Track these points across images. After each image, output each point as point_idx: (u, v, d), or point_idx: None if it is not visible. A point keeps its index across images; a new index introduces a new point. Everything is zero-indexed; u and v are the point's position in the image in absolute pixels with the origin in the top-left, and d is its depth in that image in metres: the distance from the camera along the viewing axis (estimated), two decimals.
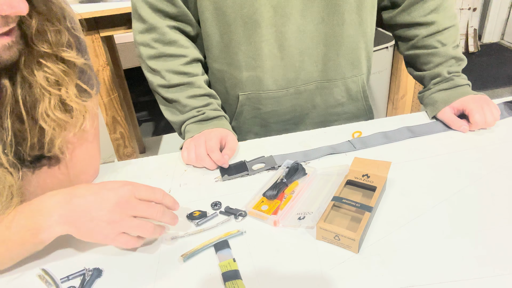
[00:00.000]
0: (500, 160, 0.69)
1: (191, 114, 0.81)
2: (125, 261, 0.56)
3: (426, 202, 0.61)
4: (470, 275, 0.49)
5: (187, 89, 0.82)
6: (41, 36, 0.54)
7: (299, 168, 0.68)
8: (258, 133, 0.95)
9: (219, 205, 0.64)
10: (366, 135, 0.79)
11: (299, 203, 0.63)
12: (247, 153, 0.78)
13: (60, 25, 0.56)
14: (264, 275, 0.52)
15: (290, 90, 0.86)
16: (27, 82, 0.56)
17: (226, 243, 0.57)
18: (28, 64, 0.55)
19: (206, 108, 0.82)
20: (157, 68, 0.82)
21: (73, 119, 0.61)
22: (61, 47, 0.56)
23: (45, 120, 0.58)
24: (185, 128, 0.82)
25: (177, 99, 0.82)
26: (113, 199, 0.52)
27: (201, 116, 0.81)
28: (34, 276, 0.55)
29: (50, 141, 0.60)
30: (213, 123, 0.80)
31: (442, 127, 0.80)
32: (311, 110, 0.92)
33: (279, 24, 0.78)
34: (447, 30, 0.84)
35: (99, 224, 0.52)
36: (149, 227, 0.54)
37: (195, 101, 0.82)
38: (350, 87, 0.90)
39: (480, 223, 0.56)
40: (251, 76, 0.84)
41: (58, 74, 0.57)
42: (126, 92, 2.22)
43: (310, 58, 0.84)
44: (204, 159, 0.73)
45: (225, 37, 0.81)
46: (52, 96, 0.57)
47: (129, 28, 1.65)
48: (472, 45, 3.25)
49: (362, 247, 0.54)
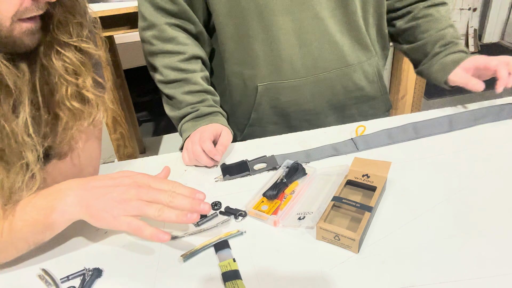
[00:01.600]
0: (500, 160, 0.69)
1: (185, 110, 0.82)
2: (125, 261, 0.56)
3: (426, 202, 0.61)
4: (470, 275, 0.49)
5: (183, 85, 0.82)
6: (62, 27, 0.56)
7: (299, 168, 0.68)
8: (277, 122, 0.94)
9: (219, 205, 0.64)
10: (369, 132, 0.79)
11: (299, 203, 0.63)
12: (248, 152, 0.78)
13: (81, 19, 0.58)
14: (264, 275, 0.52)
15: (310, 78, 0.86)
16: (46, 70, 0.57)
17: (226, 243, 0.57)
18: (47, 52, 0.56)
19: (201, 104, 0.82)
20: (156, 64, 0.83)
21: (88, 109, 0.62)
22: (81, 38, 0.58)
23: (61, 108, 0.59)
24: (181, 127, 0.83)
25: (174, 95, 0.83)
26: (128, 182, 0.54)
27: (196, 113, 0.81)
28: (34, 276, 0.55)
29: (63, 130, 0.61)
30: (208, 119, 0.81)
31: (447, 125, 0.79)
32: (331, 98, 0.91)
33: (295, 11, 0.78)
34: (443, 5, 0.88)
35: (110, 203, 0.52)
36: (156, 207, 0.52)
37: (191, 97, 0.82)
38: (367, 70, 0.90)
39: (480, 223, 0.56)
40: (269, 66, 0.84)
41: (76, 64, 0.58)
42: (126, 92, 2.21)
43: (328, 45, 0.83)
44: (199, 155, 0.73)
45: (240, 29, 0.81)
46: (70, 85, 0.58)
47: (129, 28, 1.65)
48: (472, 45, 3.25)
49: (362, 247, 0.54)
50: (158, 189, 0.54)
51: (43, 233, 0.55)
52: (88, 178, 0.56)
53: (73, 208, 0.53)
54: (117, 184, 0.54)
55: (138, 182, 0.54)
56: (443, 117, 0.81)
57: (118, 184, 0.54)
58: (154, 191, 0.54)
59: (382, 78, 0.95)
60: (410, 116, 0.84)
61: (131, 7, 1.56)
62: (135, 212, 0.52)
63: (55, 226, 0.54)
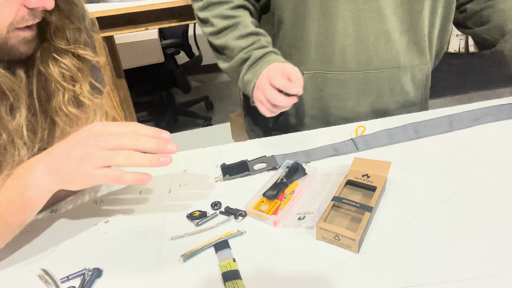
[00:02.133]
0: (500, 160, 0.69)
1: (239, 57, 0.79)
2: (125, 261, 0.56)
3: (426, 202, 0.61)
4: (470, 275, 0.49)
5: (233, 30, 0.81)
6: (59, 33, 0.56)
7: (299, 168, 0.68)
8: (315, 116, 0.92)
9: (219, 205, 0.64)
10: (369, 132, 0.79)
11: (299, 203, 0.63)
12: (248, 152, 0.78)
13: (79, 24, 0.57)
14: (264, 275, 0.52)
15: (359, 74, 0.84)
16: (43, 76, 0.57)
17: (226, 243, 0.57)
18: (44, 59, 0.56)
19: (253, 47, 0.79)
20: (205, 17, 0.83)
21: (85, 115, 0.62)
22: (78, 44, 0.58)
23: (58, 114, 0.59)
24: (242, 81, 0.79)
25: (225, 44, 0.81)
26: (84, 135, 0.51)
27: (250, 59, 0.78)
28: (34, 276, 0.55)
29: (60, 135, 0.61)
30: (265, 61, 0.77)
31: (447, 125, 0.79)
32: (375, 99, 0.89)
33: (359, 1, 0.77)
34: None
35: (75, 162, 0.50)
36: (124, 153, 0.50)
37: (242, 41, 0.80)
38: (416, 75, 0.88)
39: (480, 223, 0.56)
40: (319, 54, 0.82)
41: (73, 71, 0.58)
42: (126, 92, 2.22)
43: (384, 42, 0.82)
44: (276, 97, 0.68)
45: (298, 10, 0.80)
46: (67, 91, 0.58)
47: (129, 28, 1.65)
48: (473, 45, 3.25)
49: (362, 247, 0.54)
50: (118, 133, 0.51)
51: (22, 213, 0.53)
52: (50, 148, 0.53)
53: (45, 179, 0.51)
54: (74, 142, 0.51)
55: (94, 133, 0.51)
56: (443, 117, 0.81)
57: (75, 141, 0.51)
58: (114, 136, 0.50)
59: (428, 85, 0.92)
60: (410, 116, 0.84)
61: (131, 7, 1.56)
62: (103, 162, 0.49)
63: (33, 203, 0.52)
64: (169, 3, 1.58)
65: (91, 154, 0.50)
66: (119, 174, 0.50)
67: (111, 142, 0.50)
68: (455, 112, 0.82)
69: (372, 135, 0.78)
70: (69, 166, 0.50)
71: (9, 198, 0.51)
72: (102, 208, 0.67)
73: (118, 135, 0.51)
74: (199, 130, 2.82)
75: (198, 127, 2.87)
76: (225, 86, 3.53)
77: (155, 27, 1.68)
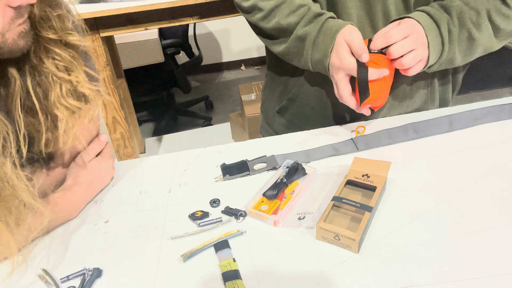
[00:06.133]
0: (500, 160, 0.69)
1: (295, 35, 0.77)
2: (125, 261, 0.56)
3: (426, 202, 0.61)
4: (470, 275, 0.49)
5: (282, 8, 0.79)
6: (45, 23, 0.54)
7: (299, 168, 0.68)
8: (315, 107, 0.90)
9: (217, 203, 0.64)
10: (369, 132, 0.79)
11: (299, 203, 0.63)
12: (248, 152, 0.78)
13: (61, 11, 0.56)
14: (264, 275, 0.52)
15: None
16: (36, 71, 0.56)
17: (226, 243, 0.57)
18: (36, 52, 0.55)
19: (304, 21, 0.77)
20: (252, 4, 0.81)
21: (86, 105, 0.61)
22: (66, 31, 0.56)
23: (58, 108, 0.58)
24: (311, 62, 0.77)
25: (278, 25, 0.79)
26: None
27: (309, 39, 0.76)
28: (34, 276, 0.55)
29: (65, 132, 0.60)
30: (326, 33, 0.74)
31: (447, 125, 0.79)
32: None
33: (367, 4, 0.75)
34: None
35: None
36: None
37: (292, 17, 0.78)
38: (420, 81, 0.85)
39: (480, 223, 0.56)
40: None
41: (67, 60, 0.57)
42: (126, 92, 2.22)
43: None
44: (347, 99, 0.71)
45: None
46: (63, 83, 0.57)
47: (129, 28, 1.65)
48: None
49: (362, 247, 0.54)
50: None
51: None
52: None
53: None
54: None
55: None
56: (443, 117, 0.81)
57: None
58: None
59: (434, 89, 0.87)
60: (410, 116, 0.84)
61: (131, 7, 1.56)
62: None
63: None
64: (169, 3, 1.58)
65: None
66: None
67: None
68: (455, 112, 0.82)
69: (372, 135, 0.78)
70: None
71: None
72: (102, 208, 0.67)
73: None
74: (199, 130, 2.82)
75: (198, 127, 2.87)
76: (225, 86, 3.53)
77: (155, 27, 1.68)
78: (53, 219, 0.61)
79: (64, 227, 0.63)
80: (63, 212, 0.62)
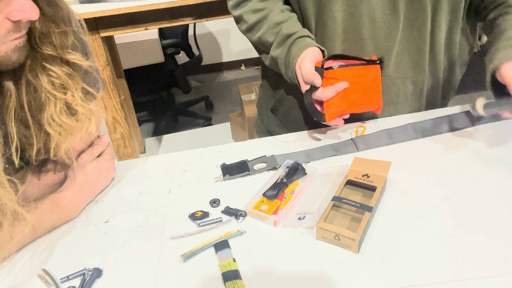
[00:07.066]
0: (500, 160, 0.69)
1: (272, 54, 0.80)
2: (125, 261, 0.56)
3: (426, 202, 0.61)
4: (470, 275, 0.49)
5: (264, 24, 0.81)
6: (45, 38, 0.53)
7: (299, 168, 0.68)
8: (301, 108, 0.90)
9: (217, 202, 0.64)
10: (369, 132, 0.79)
11: (299, 203, 0.63)
12: (248, 152, 0.78)
13: (65, 27, 0.55)
14: (264, 275, 0.52)
15: None
16: (32, 86, 0.55)
17: (226, 243, 0.57)
18: (32, 67, 0.54)
19: (277, 41, 0.79)
20: (239, 14, 0.83)
21: (78, 123, 0.60)
22: (66, 49, 0.55)
23: (51, 125, 0.57)
24: (287, 78, 0.79)
25: (260, 40, 0.81)
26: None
27: (280, 61, 0.79)
28: (34, 276, 0.55)
29: (56, 146, 0.60)
30: (293, 56, 0.76)
31: (447, 125, 0.79)
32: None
33: (351, 3, 0.75)
34: None
35: None
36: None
37: (269, 35, 0.80)
38: (408, 87, 0.84)
39: (480, 223, 0.56)
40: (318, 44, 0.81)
41: (63, 78, 0.56)
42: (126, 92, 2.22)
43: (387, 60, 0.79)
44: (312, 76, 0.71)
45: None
46: (58, 101, 0.56)
47: (129, 28, 1.65)
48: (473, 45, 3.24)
49: (362, 247, 0.54)
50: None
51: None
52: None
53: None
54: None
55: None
56: (443, 117, 0.81)
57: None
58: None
59: (422, 99, 0.87)
60: (410, 116, 0.84)
61: (131, 7, 1.56)
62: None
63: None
64: (169, 3, 1.58)
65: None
66: None
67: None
68: (455, 112, 0.82)
69: (372, 135, 0.78)
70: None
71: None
72: (102, 208, 0.67)
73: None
74: (199, 130, 2.82)
75: (198, 127, 2.87)
76: (225, 86, 3.53)
77: (155, 27, 1.68)
78: (53, 219, 0.61)
79: (64, 227, 0.63)
80: (64, 212, 0.62)
